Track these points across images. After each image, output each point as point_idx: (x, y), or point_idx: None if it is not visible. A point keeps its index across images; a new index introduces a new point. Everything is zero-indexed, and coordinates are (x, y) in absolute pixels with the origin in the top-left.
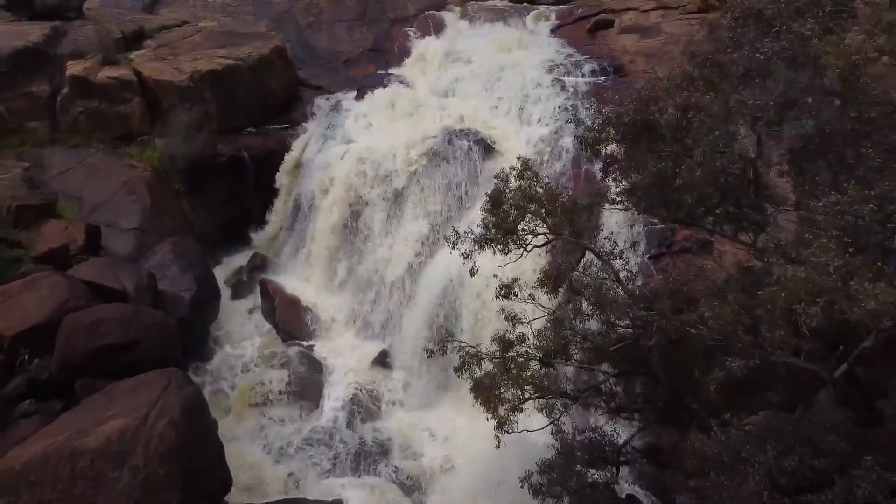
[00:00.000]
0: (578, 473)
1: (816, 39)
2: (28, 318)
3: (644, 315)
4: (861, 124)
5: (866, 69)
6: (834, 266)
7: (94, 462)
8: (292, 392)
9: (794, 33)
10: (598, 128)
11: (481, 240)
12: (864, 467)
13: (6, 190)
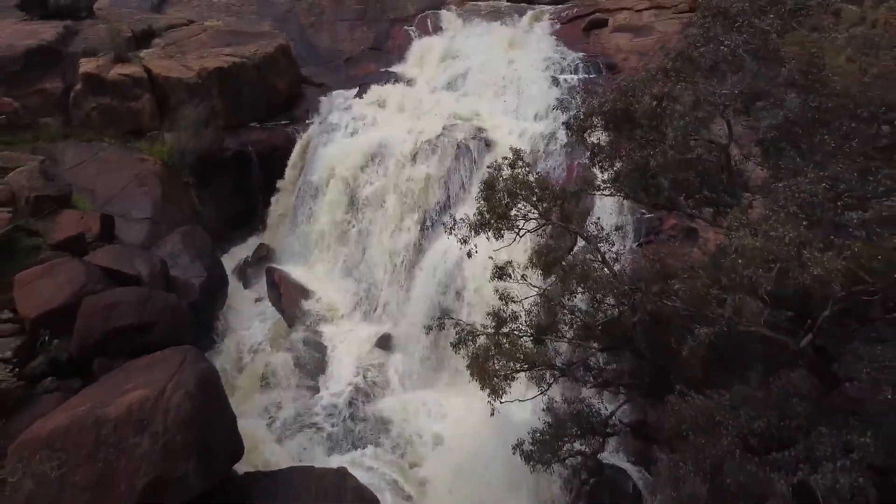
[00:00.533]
0: (567, 442)
1: (775, 34)
2: (48, 302)
3: (626, 289)
4: (820, 114)
5: (825, 63)
6: (788, 237)
7: (116, 429)
8: (297, 374)
9: (755, 28)
10: (584, 116)
11: (476, 225)
12: (824, 428)
13: (24, 181)
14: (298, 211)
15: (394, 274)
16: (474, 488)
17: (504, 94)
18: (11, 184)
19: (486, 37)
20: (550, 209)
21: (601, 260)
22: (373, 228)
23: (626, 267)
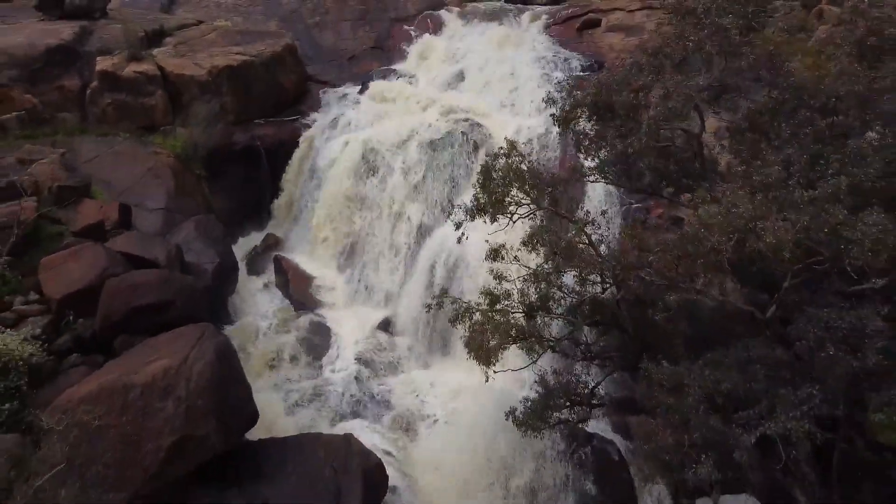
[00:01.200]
0: (556, 410)
1: (736, 32)
2: (73, 284)
3: (609, 265)
4: (779, 105)
5: (784, 60)
6: (745, 211)
7: (142, 394)
8: (304, 354)
9: (717, 26)
10: (569, 108)
11: (473, 210)
12: (783, 389)
13: (47, 172)
14: (304, 202)
15: (395, 261)
16: (471, 458)
17: (501, 91)
18: (35, 174)
19: (484, 36)
20: (541, 196)
21: (588, 242)
22: (375, 218)
23: (614, 251)
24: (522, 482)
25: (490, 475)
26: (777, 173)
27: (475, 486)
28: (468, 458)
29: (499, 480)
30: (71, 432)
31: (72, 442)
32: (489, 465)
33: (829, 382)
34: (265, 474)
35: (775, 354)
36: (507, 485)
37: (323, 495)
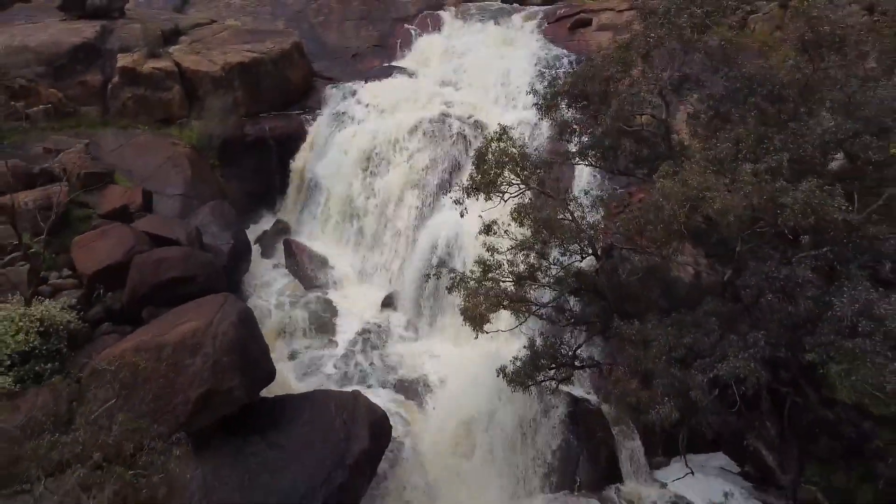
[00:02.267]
0: (542, 370)
1: (689, 30)
2: (103, 260)
3: (585, 234)
4: (732, 92)
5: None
6: (694, 182)
7: (174, 351)
8: (313, 328)
9: (674, 25)
10: (550, 97)
11: (469, 188)
12: (734, 336)
13: (74, 161)
14: (311, 190)
15: (397, 243)
16: (465, 415)
17: (496, 87)
18: (63, 162)
19: (480, 35)
20: (530, 177)
21: (570, 218)
22: (378, 204)
23: (591, 223)
24: (511, 438)
25: (481, 431)
26: (727, 151)
27: (468, 440)
28: (462, 415)
29: (489, 435)
30: (120, 373)
31: (130, 373)
32: (480, 421)
33: (771, 328)
34: (283, 424)
35: (729, 309)
36: (496, 440)
37: (334, 441)
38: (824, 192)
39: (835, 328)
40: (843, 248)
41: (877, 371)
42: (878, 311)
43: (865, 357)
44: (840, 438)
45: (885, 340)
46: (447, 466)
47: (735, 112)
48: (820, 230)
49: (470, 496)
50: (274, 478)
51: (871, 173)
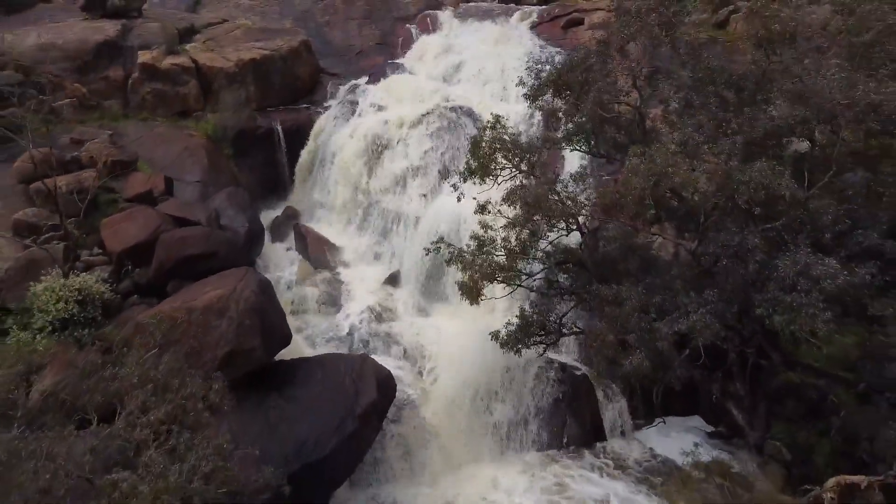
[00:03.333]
0: (532, 335)
1: (657, 27)
2: (130, 239)
3: (568, 209)
4: (697, 83)
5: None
6: (659, 160)
7: (202, 314)
8: (323, 304)
9: (643, 22)
10: (536, 87)
11: (466, 173)
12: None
13: (101, 150)
14: (318, 178)
15: (400, 226)
16: (462, 379)
17: (492, 83)
18: (90, 151)
19: (478, 34)
20: (521, 161)
21: (557, 198)
22: (382, 190)
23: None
24: (503, 400)
25: (475, 393)
26: (689, 134)
27: (464, 401)
28: (460, 379)
29: (483, 397)
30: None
31: (169, 328)
32: (475, 384)
33: (727, 288)
34: (298, 382)
35: (694, 273)
36: (490, 402)
37: (344, 395)
38: (774, 171)
39: (779, 286)
40: (791, 220)
41: (811, 320)
42: (815, 272)
43: (802, 309)
44: (804, 400)
45: (819, 296)
46: (445, 424)
47: (697, 99)
48: (770, 204)
49: (467, 451)
50: (291, 427)
51: (822, 155)
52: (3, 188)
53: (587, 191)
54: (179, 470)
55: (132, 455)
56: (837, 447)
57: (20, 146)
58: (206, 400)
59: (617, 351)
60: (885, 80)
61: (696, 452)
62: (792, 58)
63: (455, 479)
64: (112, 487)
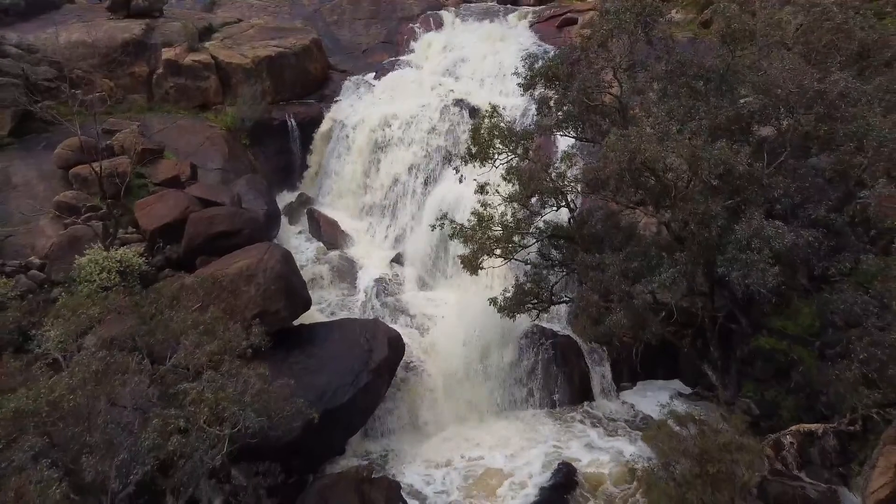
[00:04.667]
0: (526, 303)
1: (632, 24)
2: (162, 218)
3: (556, 184)
4: (669, 74)
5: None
6: (634, 139)
7: (232, 281)
8: (336, 279)
9: (620, 20)
10: (529, 78)
11: (466, 156)
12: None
13: (131, 139)
14: (330, 167)
15: (406, 210)
16: (462, 344)
17: (491, 78)
18: (121, 140)
19: (477, 32)
20: (516, 147)
21: (550, 178)
22: (389, 176)
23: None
24: (499, 363)
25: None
26: (661, 118)
27: (463, 361)
28: (460, 344)
29: (481, 359)
30: (204, 284)
31: (211, 283)
32: (474, 347)
33: (693, 249)
34: (318, 341)
35: (667, 241)
36: (488, 366)
37: (359, 352)
38: (731, 149)
39: (736, 247)
40: (749, 194)
41: (761, 275)
42: (766, 234)
43: (754, 265)
44: (772, 362)
45: (769, 253)
46: (447, 384)
47: (670, 89)
48: (730, 180)
49: (468, 407)
50: (313, 379)
51: (782, 139)
52: (45, 173)
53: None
54: (234, 385)
55: (191, 380)
56: (801, 403)
57: (55, 136)
58: (248, 339)
59: (600, 310)
60: (831, 72)
61: (672, 405)
62: (752, 53)
63: (457, 433)
64: (183, 394)
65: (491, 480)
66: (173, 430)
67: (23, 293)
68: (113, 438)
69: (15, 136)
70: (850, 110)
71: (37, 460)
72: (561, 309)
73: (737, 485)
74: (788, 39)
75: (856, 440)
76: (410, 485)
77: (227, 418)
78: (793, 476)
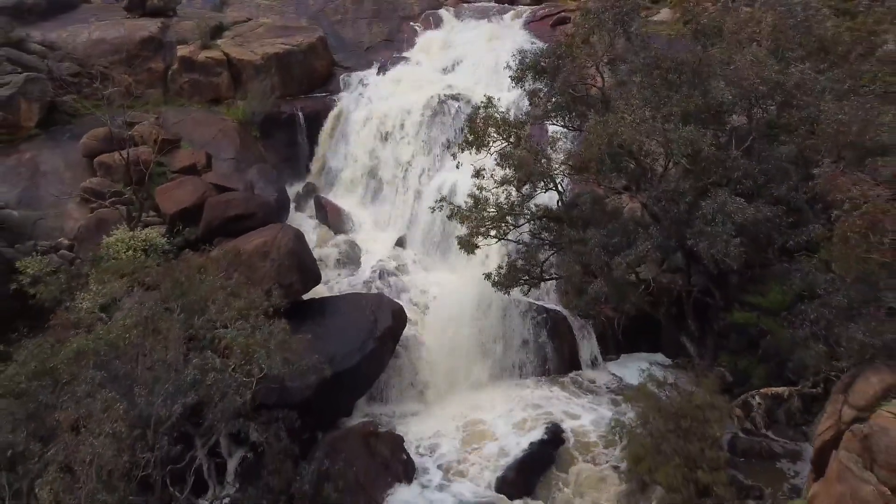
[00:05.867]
0: (519, 278)
1: (611, 22)
2: (181, 203)
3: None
4: (645, 67)
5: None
6: (611, 124)
7: (250, 257)
8: (342, 261)
9: (600, 19)
10: (519, 71)
11: (463, 144)
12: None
13: (150, 130)
14: (335, 157)
15: (407, 197)
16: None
17: (487, 73)
18: (141, 131)
19: (475, 31)
20: (510, 135)
21: (539, 163)
22: (391, 166)
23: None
24: (494, 335)
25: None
26: (637, 105)
27: (462, 336)
28: (458, 318)
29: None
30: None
31: (226, 263)
32: (468, 321)
33: (665, 224)
34: (327, 313)
35: (644, 219)
36: (484, 338)
37: (366, 322)
38: (698, 132)
39: (703, 221)
40: (715, 174)
41: (724, 245)
42: (729, 208)
43: (718, 237)
44: (745, 335)
45: (731, 227)
46: (445, 355)
47: (646, 80)
48: (697, 161)
49: (465, 376)
50: (324, 345)
51: (751, 127)
52: (70, 161)
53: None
54: (261, 333)
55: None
56: (770, 370)
57: (78, 127)
58: (269, 301)
59: (583, 280)
60: (793, 63)
61: (650, 370)
62: (721, 48)
63: (454, 399)
64: (217, 339)
65: (485, 437)
66: (210, 369)
67: (55, 270)
68: (160, 374)
69: (42, 127)
70: (805, 99)
71: (96, 392)
72: (552, 288)
73: (707, 437)
74: (758, 36)
75: (818, 401)
76: (411, 441)
77: (256, 360)
78: (761, 434)
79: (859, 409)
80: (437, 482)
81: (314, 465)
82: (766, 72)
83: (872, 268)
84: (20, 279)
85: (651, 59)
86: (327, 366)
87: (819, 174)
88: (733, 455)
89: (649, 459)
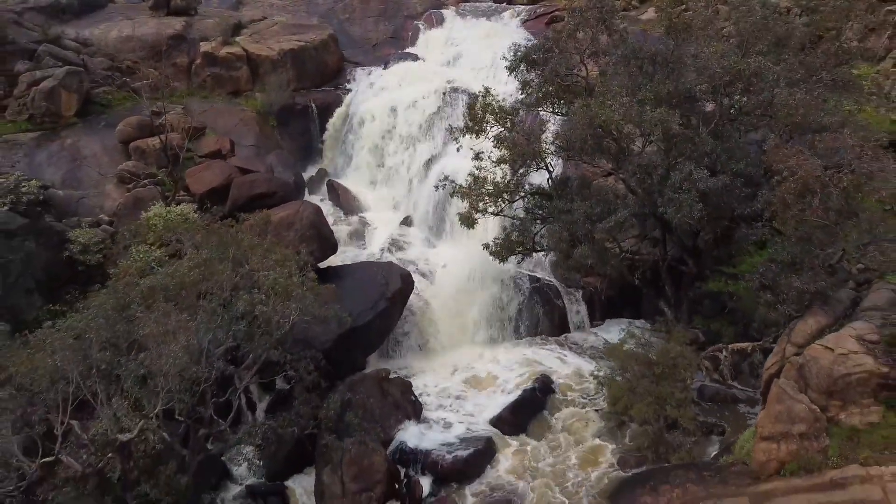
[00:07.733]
0: (514, 248)
1: (594, 20)
2: (209, 183)
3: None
4: (623, 59)
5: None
6: (593, 106)
7: (276, 227)
8: (353, 238)
9: (583, 16)
10: (514, 61)
11: (463, 129)
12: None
13: (177, 119)
14: (345, 145)
15: (412, 180)
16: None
17: (486, 68)
18: (169, 120)
19: (475, 29)
20: (504, 121)
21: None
22: (397, 153)
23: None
24: (491, 301)
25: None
26: (615, 91)
27: (462, 301)
28: (458, 286)
29: (475, 298)
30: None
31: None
32: (469, 289)
33: (639, 194)
34: (343, 278)
35: (623, 192)
36: (482, 303)
37: (377, 285)
38: (669, 114)
39: (672, 190)
40: (683, 150)
41: (689, 210)
42: (693, 178)
43: (684, 202)
44: (718, 301)
45: (696, 194)
46: (448, 318)
47: (624, 70)
48: (668, 138)
49: (466, 337)
50: (340, 305)
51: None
52: (107, 147)
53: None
54: (296, 278)
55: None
56: (738, 330)
57: (111, 116)
58: (299, 256)
59: (568, 245)
60: (753, 56)
61: (629, 329)
62: (693, 42)
63: (456, 355)
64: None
65: (484, 384)
66: (257, 303)
67: (101, 240)
68: (216, 307)
69: (79, 116)
70: (761, 85)
71: (171, 313)
72: (546, 261)
73: (677, 380)
74: (724, 33)
75: None
76: (418, 387)
77: (294, 298)
78: (727, 384)
79: (799, 346)
80: (442, 420)
81: (338, 396)
82: (727, 62)
83: (810, 229)
84: (71, 248)
85: (629, 51)
86: (348, 316)
87: (767, 149)
88: (701, 401)
89: (625, 399)
